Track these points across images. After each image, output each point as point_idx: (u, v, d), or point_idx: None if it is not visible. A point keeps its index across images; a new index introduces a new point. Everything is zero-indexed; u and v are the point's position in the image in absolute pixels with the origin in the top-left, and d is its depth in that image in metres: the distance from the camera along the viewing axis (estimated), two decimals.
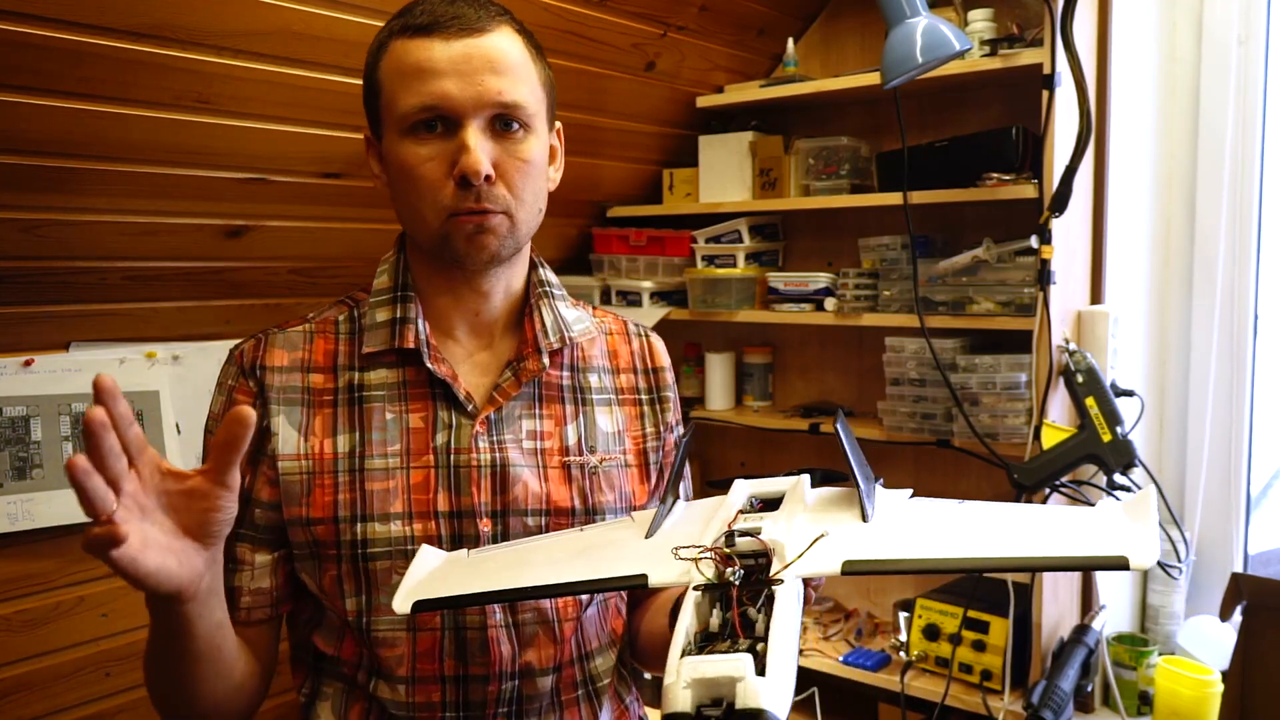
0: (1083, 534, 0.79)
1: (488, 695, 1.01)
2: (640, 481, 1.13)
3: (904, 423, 2.00)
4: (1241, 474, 2.05)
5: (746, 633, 0.70)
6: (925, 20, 1.63)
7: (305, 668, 1.08)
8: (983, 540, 0.80)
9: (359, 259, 2.00)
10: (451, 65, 0.95)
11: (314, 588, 1.03)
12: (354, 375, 1.03)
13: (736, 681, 0.63)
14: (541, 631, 1.03)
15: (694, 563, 0.76)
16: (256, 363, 1.03)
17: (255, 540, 1.02)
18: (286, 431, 1.00)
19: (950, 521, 0.84)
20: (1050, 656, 1.83)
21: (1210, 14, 2.01)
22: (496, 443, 1.03)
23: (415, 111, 0.96)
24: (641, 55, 2.06)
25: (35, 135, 1.37)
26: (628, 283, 2.40)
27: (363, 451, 1.00)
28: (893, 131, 2.06)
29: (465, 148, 0.95)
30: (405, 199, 1.00)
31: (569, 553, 0.88)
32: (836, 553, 0.76)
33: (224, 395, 1.04)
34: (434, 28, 0.96)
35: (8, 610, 1.69)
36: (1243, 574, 1.53)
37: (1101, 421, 1.74)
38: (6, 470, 1.66)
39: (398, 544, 0.98)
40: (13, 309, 1.63)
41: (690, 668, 0.64)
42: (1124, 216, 1.96)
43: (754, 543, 0.78)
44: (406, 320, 1.03)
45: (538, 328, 1.07)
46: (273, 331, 1.05)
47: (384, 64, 1.00)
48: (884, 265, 2.05)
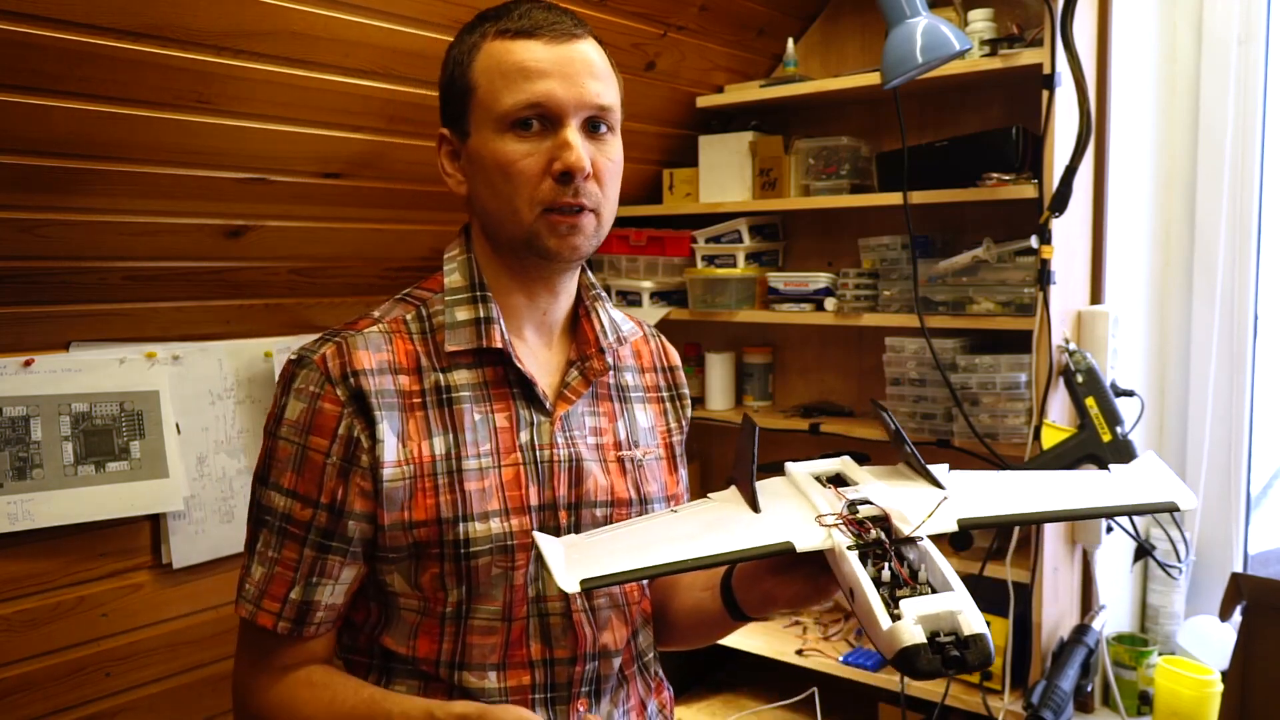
0: (1127, 487, 0.95)
1: (573, 676, 1.06)
2: (670, 473, 1.20)
3: (904, 423, 2.00)
4: (1241, 474, 2.05)
5: (914, 579, 0.83)
6: (925, 20, 1.63)
7: (366, 671, 1.08)
8: (1054, 495, 0.95)
9: (359, 259, 2.00)
10: (556, 66, 0.99)
11: (404, 588, 1.03)
12: (438, 376, 1.04)
13: (957, 614, 0.77)
14: (614, 614, 1.10)
15: (831, 529, 0.87)
16: (346, 369, 1.00)
17: (347, 554, 1.02)
18: (389, 438, 1.00)
19: (1010, 484, 0.97)
20: (1050, 656, 1.83)
21: (1210, 14, 2.02)
22: (570, 439, 1.08)
23: (519, 108, 0.99)
24: (641, 55, 2.06)
25: (35, 135, 1.37)
26: (628, 283, 2.40)
27: (458, 453, 1.02)
28: (893, 131, 2.06)
29: (568, 144, 0.99)
30: (498, 194, 1.02)
31: (694, 528, 0.93)
32: (949, 512, 0.89)
33: (305, 403, 1.00)
34: (536, 31, 1.00)
35: (8, 610, 1.69)
36: (1243, 574, 1.53)
37: (1101, 421, 1.74)
38: (6, 470, 1.66)
39: (497, 540, 1.02)
40: (13, 309, 1.63)
41: (914, 607, 0.77)
42: (1124, 216, 1.96)
43: (874, 509, 0.89)
44: (490, 320, 1.05)
45: (597, 329, 1.12)
46: (347, 334, 1.03)
47: (480, 63, 1.02)
48: (884, 265, 2.05)
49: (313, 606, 1.02)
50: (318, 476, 1.00)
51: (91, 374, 1.77)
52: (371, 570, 1.04)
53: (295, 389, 1.01)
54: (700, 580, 1.19)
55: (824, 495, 0.94)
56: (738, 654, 2.22)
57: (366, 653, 1.08)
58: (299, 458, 1.00)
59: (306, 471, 1.00)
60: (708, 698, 2.25)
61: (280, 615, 1.01)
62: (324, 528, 1.01)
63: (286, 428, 1.01)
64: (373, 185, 1.83)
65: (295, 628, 1.02)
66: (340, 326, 1.06)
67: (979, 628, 0.76)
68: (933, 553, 0.84)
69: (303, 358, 1.02)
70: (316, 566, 1.01)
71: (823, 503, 0.92)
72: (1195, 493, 2.07)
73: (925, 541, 0.86)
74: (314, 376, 1.01)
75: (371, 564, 1.04)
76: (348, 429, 0.99)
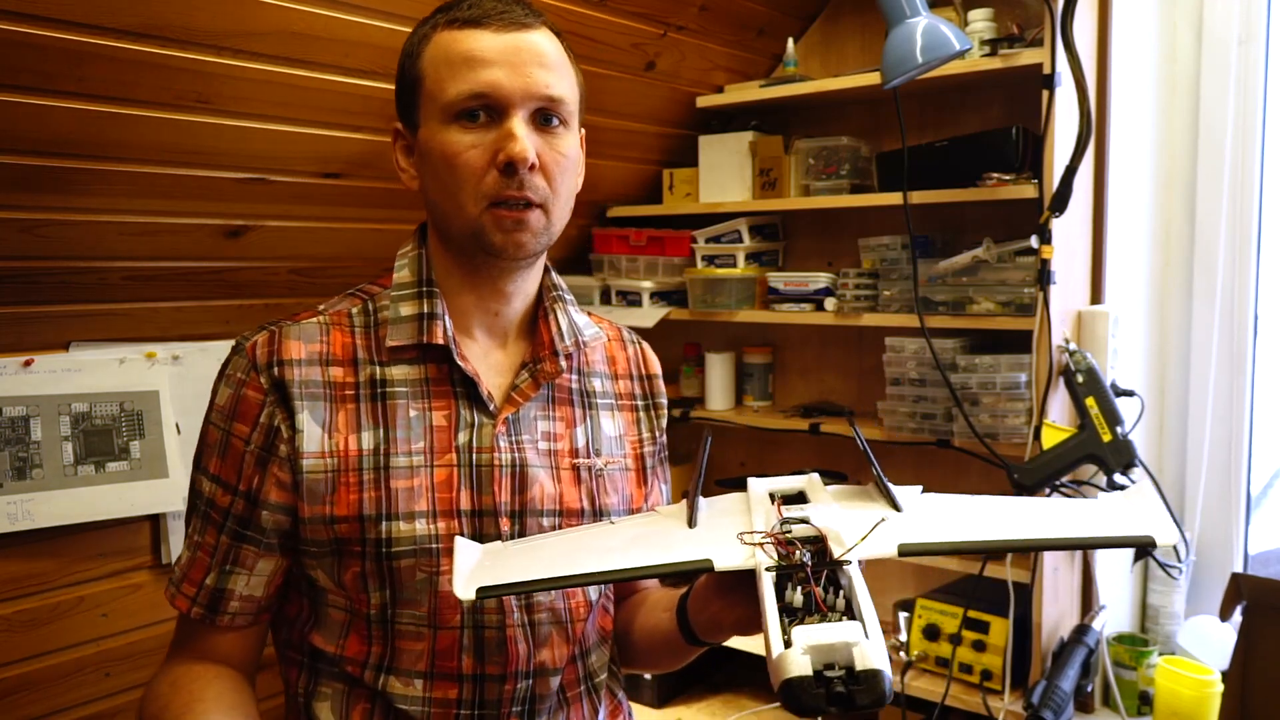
0: (1103, 518, 0.87)
1: (503, 694, 1.02)
2: (637, 485, 1.16)
3: (904, 423, 2.00)
4: (1241, 474, 2.05)
5: (829, 608, 0.76)
6: (925, 20, 1.63)
7: (298, 668, 1.07)
8: (1017, 524, 0.87)
9: (359, 259, 2.00)
10: (501, 55, 0.97)
11: (329, 584, 1.02)
12: (375, 370, 1.02)
13: (852, 646, 0.68)
14: (555, 631, 1.05)
15: (757, 547, 0.82)
16: (272, 358, 1.00)
17: (262, 545, 1.01)
18: (310, 428, 0.99)
19: (977, 510, 0.91)
20: (1050, 656, 1.83)
21: (1210, 14, 2.01)
22: (515, 443, 1.04)
23: (463, 98, 0.97)
24: (641, 55, 2.06)
25: (35, 135, 1.37)
26: (628, 283, 2.40)
27: (387, 449, 1.00)
28: (893, 131, 2.06)
29: (512, 135, 0.96)
30: (443, 188, 1.00)
31: (620, 541, 0.90)
32: (890, 537, 0.83)
33: (232, 389, 1.00)
34: (483, 20, 0.98)
35: (8, 610, 1.69)
36: (1243, 574, 1.53)
37: (1101, 421, 1.74)
38: (6, 470, 1.66)
39: (422, 542, 0.99)
40: (13, 309, 1.63)
41: (805, 635, 0.69)
42: (1124, 216, 1.96)
43: (809, 529, 0.84)
44: (434, 316, 1.03)
45: (553, 331, 1.08)
46: (284, 323, 1.03)
47: (428, 54, 1.00)
48: (884, 265, 2.05)
49: (226, 595, 1.00)
50: (238, 464, 0.99)
51: (91, 374, 1.77)
52: (298, 565, 1.03)
53: (226, 374, 1.02)
54: (663, 601, 1.15)
55: (764, 513, 0.89)
56: (738, 654, 2.22)
57: (299, 649, 1.07)
58: (223, 443, 1.00)
59: (229, 458, 1.00)
60: (708, 698, 2.24)
61: (195, 600, 1.01)
62: (240, 516, 1.00)
63: (216, 413, 1.02)
64: (373, 185, 1.83)
65: (208, 614, 1.01)
66: (284, 318, 1.05)
67: (876, 664, 0.67)
68: (856, 579, 0.78)
69: (238, 345, 1.02)
70: (231, 554, 1.00)
71: (760, 520, 0.88)
72: (1195, 493, 2.07)
73: (853, 566, 0.79)
74: (242, 364, 1.01)
75: (296, 558, 1.03)
76: (269, 417, 0.98)
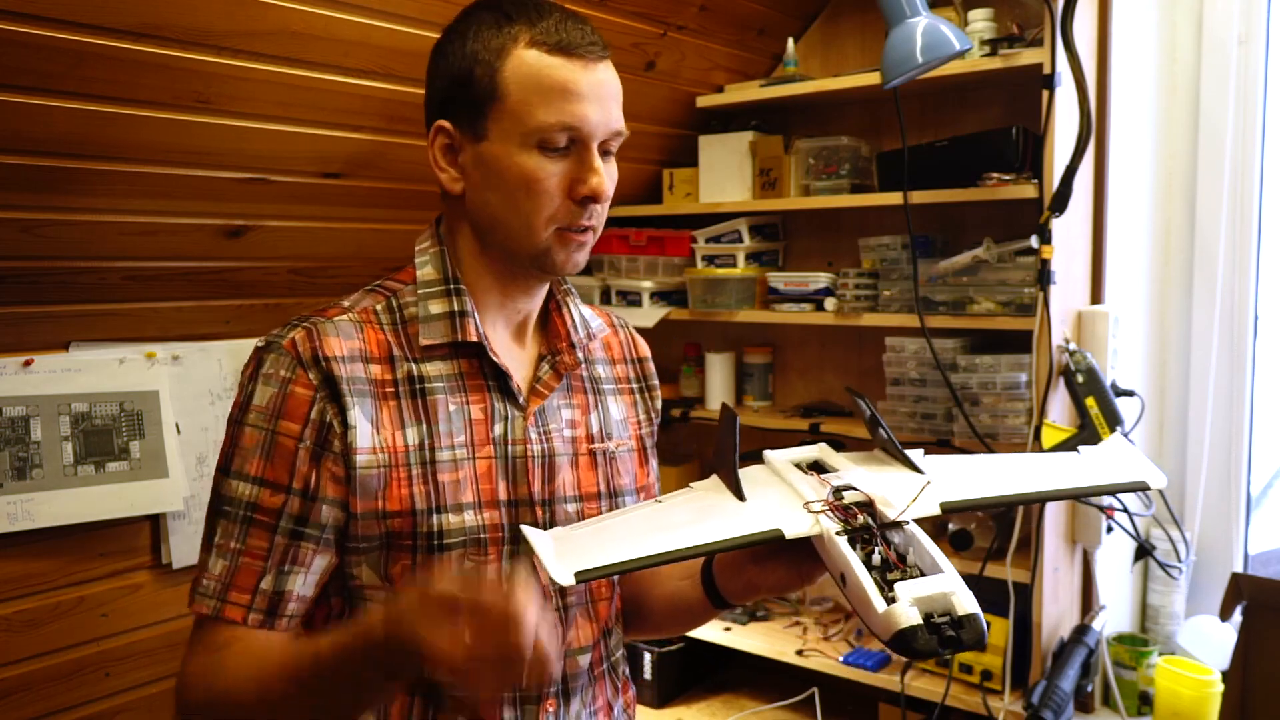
0: (1098, 468, 0.98)
1: None
2: (641, 465, 1.21)
3: (904, 423, 2.00)
4: (1241, 474, 2.05)
5: (903, 563, 0.85)
6: (925, 20, 1.63)
7: None
8: (1030, 477, 0.97)
9: (359, 259, 2.00)
10: (590, 90, 1.00)
11: (373, 580, 1.02)
12: (411, 367, 1.04)
13: (950, 595, 0.79)
14: (581, 613, 1.09)
15: (820, 514, 0.90)
16: (317, 353, 0.99)
17: (320, 541, 1.00)
18: (361, 424, 0.99)
19: (986, 468, 1.00)
20: (1050, 656, 1.83)
21: (1210, 14, 2.02)
22: (544, 433, 1.08)
23: (554, 128, 0.99)
24: (641, 55, 2.06)
25: (35, 135, 1.37)
26: (628, 283, 2.40)
27: (431, 443, 1.02)
28: (893, 131, 2.06)
29: (595, 170, 1.01)
30: (513, 206, 1.02)
31: (683, 517, 0.94)
32: (932, 497, 0.92)
33: (275, 387, 0.99)
34: (574, 49, 1.00)
35: (8, 610, 1.69)
36: (1243, 574, 1.53)
37: (1101, 421, 1.74)
38: (6, 470, 1.66)
39: (470, 533, 1.02)
40: (13, 309, 1.63)
41: (909, 589, 0.79)
42: (1124, 216, 1.96)
43: (858, 494, 0.92)
44: (464, 314, 1.05)
45: (568, 323, 1.13)
46: (318, 320, 1.02)
47: (512, 70, 0.99)
48: (884, 265, 2.05)
49: (285, 596, 0.99)
50: (289, 462, 0.98)
51: (91, 374, 1.77)
52: (343, 563, 1.03)
53: (264, 374, 1.00)
54: (679, 569, 1.19)
55: (807, 482, 0.95)
56: (738, 654, 2.22)
57: None
58: (268, 443, 0.99)
59: (276, 457, 0.99)
60: (708, 698, 2.25)
61: (251, 607, 0.98)
62: (296, 514, 0.99)
63: (255, 414, 0.99)
64: (373, 185, 1.83)
65: (267, 619, 0.99)
66: (309, 313, 1.04)
67: (972, 608, 0.78)
68: (920, 536, 0.86)
69: (271, 343, 1.01)
70: (289, 554, 0.99)
71: (807, 489, 0.94)
72: (1195, 493, 2.07)
73: (912, 525, 0.88)
74: (284, 361, 0.99)
75: (340, 555, 1.03)
76: (320, 413, 0.98)
